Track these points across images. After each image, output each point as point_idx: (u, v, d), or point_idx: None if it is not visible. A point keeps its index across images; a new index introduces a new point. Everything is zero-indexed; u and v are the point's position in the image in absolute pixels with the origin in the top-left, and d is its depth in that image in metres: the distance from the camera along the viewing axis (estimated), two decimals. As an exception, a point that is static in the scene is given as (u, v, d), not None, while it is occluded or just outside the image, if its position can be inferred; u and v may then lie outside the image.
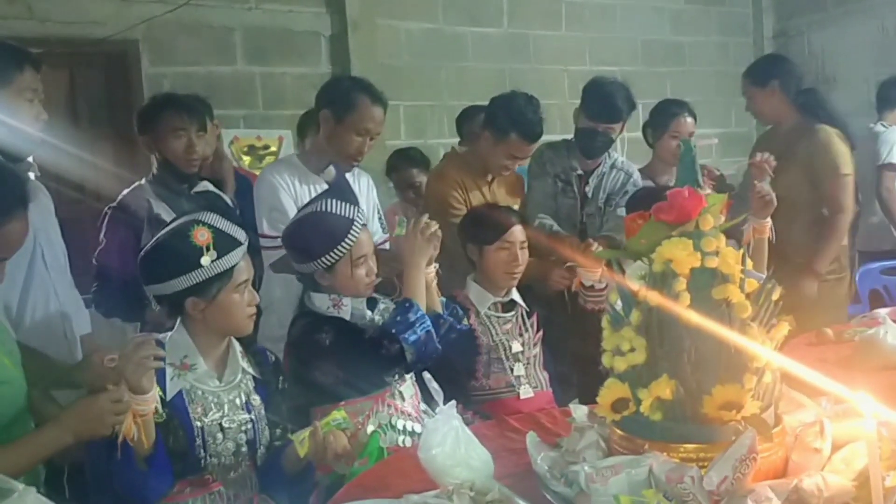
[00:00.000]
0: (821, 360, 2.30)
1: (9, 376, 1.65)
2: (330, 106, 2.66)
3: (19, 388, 1.67)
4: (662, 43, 5.95)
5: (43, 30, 3.65)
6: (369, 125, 2.65)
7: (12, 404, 1.64)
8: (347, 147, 2.66)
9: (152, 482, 1.70)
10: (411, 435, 2.15)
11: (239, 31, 4.23)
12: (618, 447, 1.48)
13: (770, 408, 1.46)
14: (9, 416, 1.63)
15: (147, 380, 1.65)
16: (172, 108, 2.72)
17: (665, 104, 3.59)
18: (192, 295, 1.82)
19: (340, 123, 2.64)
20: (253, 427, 1.89)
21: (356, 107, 2.62)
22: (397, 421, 2.17)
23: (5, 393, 1.62)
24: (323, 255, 2.15)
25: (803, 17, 6.27)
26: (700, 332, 1.41)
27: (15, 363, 1.69)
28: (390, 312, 2.25)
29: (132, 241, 2.53)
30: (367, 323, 2.22)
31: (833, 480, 1.31)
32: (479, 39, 5.09)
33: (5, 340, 1.72)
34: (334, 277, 2.19)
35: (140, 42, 3.94)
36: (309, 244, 2.18)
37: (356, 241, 2.17)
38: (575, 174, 3.27)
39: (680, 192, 1.46)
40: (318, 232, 2.17)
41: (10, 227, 1.57)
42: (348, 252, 2.16)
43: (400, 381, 2.22)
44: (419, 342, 2.13)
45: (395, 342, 2.10)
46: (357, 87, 2.68)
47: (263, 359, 2.03)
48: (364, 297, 2.26)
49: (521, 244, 2.70)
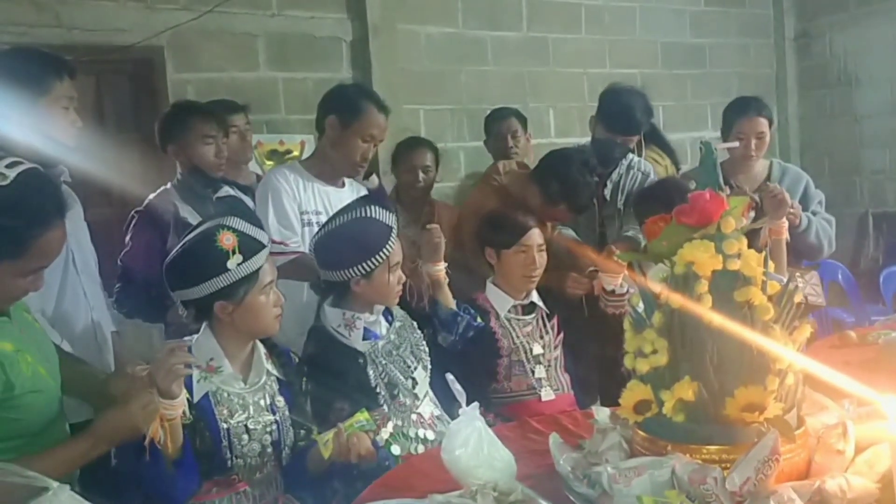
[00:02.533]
0: (844, 363, 2.29)
1: (43, 385, 1.67)
2: (336, 112, 2.68)
3: (53, 397, 1.69)
4: (682, 45, 5.92)
5: (70, 37, 3.70)
6: (374, 131, 2.68)
7: (45, 413, 1.66)
8: (352, 153, 2.68)
9: (180, 484, 1.73)
10: (423, 442, 2.16)
11: (262, 38, 4.27)
12: (640, 449, 1.49)
13: (793, 409, 1.46)
14: (40, 424, 1.65)
15: (177, 385, 1.68)
16: (200, 116, 2.77)
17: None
18: (220, 298, 1.85)
19: (346, 129, 2.66)
20: (277, 428, 1.92)
21: (362, 113, 2.65)
22: (409, 429, 2.18)
23: (38, 402, 1.64)
24: (364, 262, 2.16)
25: (825, 18, 6.22)
26: (722, 334, 1.42)
27: (50, 372, 1.71)
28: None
29: (157, 243, 2.58)
30: (377, 358, 2.21)
31: (856, 482, 1.31)
32: (498, 43, 5.10)
33: (43, 347, 1.74)
34: (371, 284, 2.19)
35: (165, 49, 3.98)
36: (351, 251, 2.18)
37: (394, 247, 2.20)
38: (593, 183, 3.26)
39: (701, 195, 1.47)
40: (362, 238, 2.18)
41: (50, 236, 1.59)
42: (387, 259, 2.18)
43: (414, 402, 2.23)
44: None
45: None
46: (362, 95, 2.72)
47: (287, 360, 2.06)
48: (392, 304, 2.28)
49: (538, 247, 2.70)
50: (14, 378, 1.58)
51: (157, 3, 3.96)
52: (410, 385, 2.23)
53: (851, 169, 6.14)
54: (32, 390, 1.62)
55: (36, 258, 1.59)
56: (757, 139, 3.22)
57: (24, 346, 1.65)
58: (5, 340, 1.61)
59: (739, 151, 3.23)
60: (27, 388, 1.61)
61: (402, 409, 2.18)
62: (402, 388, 2.20)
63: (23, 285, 1.61)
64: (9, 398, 1.57)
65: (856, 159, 6.13)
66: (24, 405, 1.60)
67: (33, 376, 1.64)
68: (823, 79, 6.30)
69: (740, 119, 3.24)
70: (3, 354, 1.58)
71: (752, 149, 3.21)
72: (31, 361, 1.65)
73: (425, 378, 2.29)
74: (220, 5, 3.98)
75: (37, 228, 1.56)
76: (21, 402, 1.60)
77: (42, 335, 1.78)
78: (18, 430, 1.59)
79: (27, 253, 1.56)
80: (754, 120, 3.23)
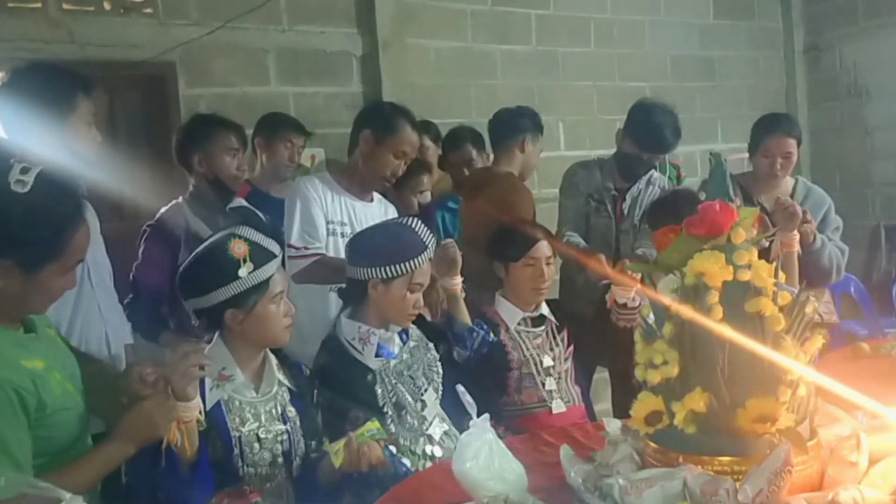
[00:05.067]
0: (857, 376, 2.27)
1: (71, 403, 1.67)
2: (371, 126, 2.74)
3: (80, 414, 1.70)
4: (692, 58, 5.92)
5: (83, 53, 3.74)
6: (407, 148, 2.74)
7: (73, 430, 1.67)
8: (383, 168, 2.74)
9: (196, 489, 1.73)
10: (431, 459, 2.15)
11: (272, 53, 4.30)
12: (652, 460, 1.48)
13: (805, 421, 1.45)
14: (69, 440, 1.65)
15: (192, 388, 1.69)
16: (224, 129, 2.80)
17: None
18: (230, 307, 1.86)
19: (380, 145, 2.72)
20: (289, 438, 1.92)
21: (396, 130, 2.71)
22: (417, 446, 2.18)
23: (67, 419, 1.65)
24: (390, 265, 2.17)
25: (834, 31, 6.22)
26: (733, 345, 1.41)
27: (76, 388, 1.72)
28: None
29: (167, 258, 2.60)
30: (387, 377, 2.21)
31: (870, 494, 1.30)
32: (507, 57, 5.12)
33: (68, 363, 1.75)
34: (387, 293, 2.20)
35: (177, 64, 4.02)
36: (378, 251, 2.21)
37: (421, 266, 2.21)
38: (609, 194, 3.26)
39: (711, 206, 1.47)
40: (394, 243, 2.21)
41: (81, 231, 1.62)
42: (411, 273, 2.19)
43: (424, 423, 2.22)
44: None
45: None
46: (398, 112, 2.78)
47: (299, 372, 2.06)
48: (403, 325, 2.28)
49: (546, 260, 2.70)
50: (46, 397, 1.58)
51: (169, 19, 4.00)
52: (419, 407, 2.22)
53: (863, 181, 6.11)
54: (63, 408, 1.63)
55: (73, 255, 1.61)
56: (783, 158, 3.16)
57: (52, 364, 1.66)
58: (37, 358, 1.61)
59: (764, 170, 3.19)
60: (58, 406, 1.61)
61: (411, 431, 2.18)
62: (411, 410, 2.20)
63: (62, 284, 1.64)
64: (41, 417, 1.58)
65: (867, 172, 6.10)
66: (54, 423, 1.61)
67: (63, 394, 1.64)
68: (833, 91, 6.28)
69: (768, 137, 3.18)
70: (36, 374, 1.58)
71: (778, 168, 3.17)
72: (60, 379, 1.65)
73: (435, 400, 2.28)
74: (232, 21, 4.03)
75: (69, 227, 1.59)
76: (52, 421, 1.60)
77: (66, 351, 1.79)
78: (48, 448, 1.59)
79: (66, 252, 1.59)
80: (783, 140, 3.16)
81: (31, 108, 2.08)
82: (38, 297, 1.62)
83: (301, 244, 2.65)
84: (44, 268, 1.56)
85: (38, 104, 2.09)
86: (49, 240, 1.55)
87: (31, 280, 1.56)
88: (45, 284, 1.59)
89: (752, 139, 3.28)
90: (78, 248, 1.62)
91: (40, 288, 1.59)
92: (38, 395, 1.57)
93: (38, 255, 1.55)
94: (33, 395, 1.55)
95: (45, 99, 2.11)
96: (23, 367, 1.56)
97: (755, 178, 3.26)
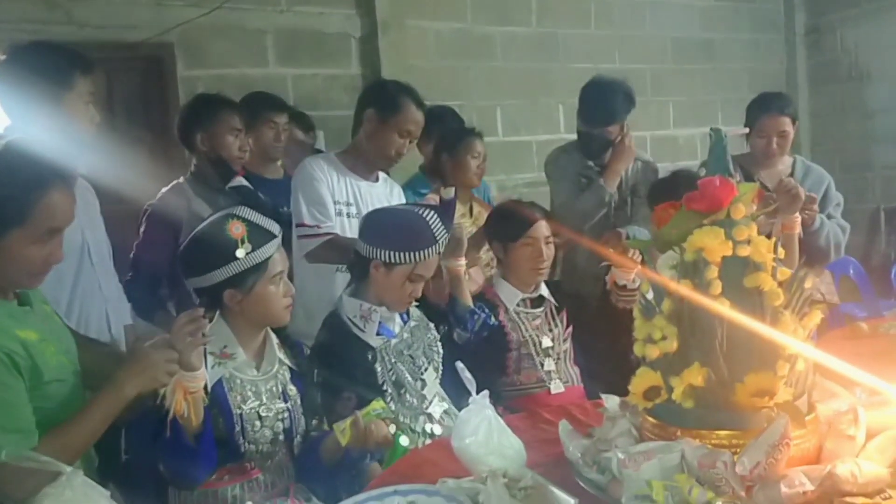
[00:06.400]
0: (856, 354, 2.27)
1: (66, 375, 1.68)
2: (375, 106, 2.73)
3: (75, 388, 1.71)
4: (692, 40, 5.91)
5: (81, 34, 3.73)
6: (411, 127, 2.72)
7: (69, 402, 1.67)
8: (388, 147, 2.72)
9: (201, 460, 1.75)
10: (431, 437, 2.16)
11: (271, 34, 4.29)
12: (650, 435, 1.48)
13: (803, 396, 1.46)
14: (64, 414, 1.65)
15: (196, 356, 1.70)
16: (228, 109, 2.79)
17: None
18: (229, 287, 1.87)
19: (384, 124, 2.70)
20: (289, 416, 1.93)
21: (401, 109, 2.69)
22: (417, 424, 2.18)
23: (62, 391, 1.66)
24: (394, 251, 2.15)
25: (836, 13, 6.19)
26: (732, 321, 1.42)
27: (72, 362, 1.73)
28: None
29: (168, 238, 2.60)
30: (387, 356, 2.21)
31: (868, 467, 1.31)
32: (507, 39, 5.10)
33: (63, 339, 1.75)
34: (386, 277, 2.19)
35: (175, 45, 4.01)
36: (393, 232, 2.20)
37: (426, 259, 2.19)
38: (594, 171, 3.28)
39: (711, 181, 1.47)
40: (403, 231, 2.19)
41: (52, 198, 1.58)
42: (414, 264, 2.18)
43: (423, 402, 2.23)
44: None
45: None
46: (402, 90, 2.76)
47: (299, 351, 2.08)
48: (398, 310, 2.27)
49: (545, 239, 2.69)
50: (42, 366, 1.59)
51: (166, 0, 3.98)
52: (419, 386, 2.23)
53: (863, 164, 6.10)
54: (58, 379, 1.64)
55: (42, 221, 1.58)
56: (779, 137, 3.19)
57: (47, 337, 1.66)
58: (30, 329, 1.62)
59: (761, 149, 3.21)
60: (53, 376, 1.62)
61: (410, 409, 2.19)
62: (410, 389, 2.21)
63: (41, 255, 1.60)
64: (37, 385, 1.59)
65: (867, 155, 6.10)
66: (50, 394, 1.61)
67: (58, 366, 1.65)
68: (834, 74, 6.27)
69: (762, 117, 3.20)
70: (30, 343, 1.59)
71: (774, 146, 3.19)
72: (55, 351, 1.66)
73: (435, 379, 2.29)
74: (230, 2, 4.01)
75: (34, 191, 1.56)
76: (48, 391, 1.61)
77: (62, 327, 1.79)
78: (44, 419, 1.59)
79: (31, 217, 1.56)
80: (777, 118, 3.19)
81: (29, 87, 2.08)
82: (12, 267, 1.59)
83: (313, 223, 2.64)
84: (8, 232, 1.55)
85: (35, 82, 2.08)
86: (9, 202, 1.54)
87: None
88: (14, 252, 1.57)
89: (747, 119, 3.29)
90: (48, 214, 1.58)
91: (11, 256, 1.57)
92: (31, 361, 1.58)
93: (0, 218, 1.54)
94: (26, 361, 1.57)
95: (42, 77, 2.10)
96: (15, 335, 1.57)
97: (753, 158, 3.27)
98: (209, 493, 1.85)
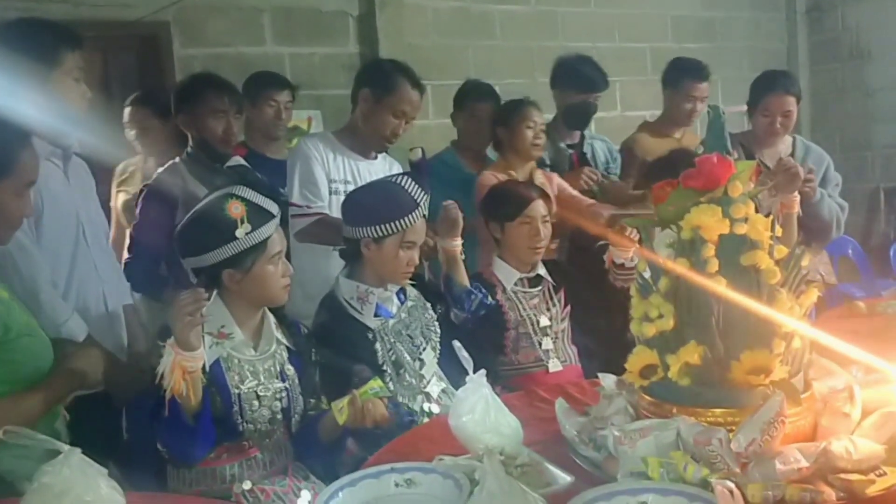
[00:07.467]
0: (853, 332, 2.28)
1: (36, 332, 1.77)
2: (370, 85, 2.71)
3: (46, 344, 1.78)
4: (693, 19, 5.87)
5: (77, 13, 3.70)
6: (406, 108, 2.70)
7: (40, 358, 1.75)
8: (383, 128, 2.71)
9: (199, 439, 1.75)
10: (429, 416, 2.17)
11: (268, 12, 4.26)
12: (646, 413, 1.49)
13: (799, 373, 1.46)
14: (36, 369, 1.73)
15: (195, 336, 1.70)
16: (213, 90, 2.76)
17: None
18: (228, 267, 1.86)
19: (379, 104, 2.69)
20: (287, 395, 1.93)
21: (395, 88, 2.68)
22: (415, 403, 2.19)
23: (33, 345, 1.73)
24: (379, 223, 2.16)
25: (837, -9, 6.16)
26: (728, 299, 1.42)
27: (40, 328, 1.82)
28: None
29: (165, 218, 2.59)
30: (386, 336, 2.22)
31: (863, 444, 1.31)
32: (506, 17, 5.06)
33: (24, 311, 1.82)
34: (379, 251, 2.20)
35: (171, 24, 3.98)
36: (369, 210, 2.20)
37: (413, 224, 2.19)
38: (566, 154, 3.31)
39: (709, 159, 1.46)
40: (384, 202, 2.20)
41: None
42: (402, 231, 2.18)
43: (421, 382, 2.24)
44: None
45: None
46: (398, 70, 2.74)
47: (297, 331, 2.07)
48: (398, 282, 2.28)
49: (542, 219, 2.69)
50: (10, 321, 1.66)
51: (163, -22, 3.95)
52: (418, 366, 2.24)
53: (863, 144, 6.09)
54: (28, 334, 1.71)
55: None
56: (783, 117, 3.18)
57: (14, 297, 1.75)
58: (1, 288, 1.71)
59: (764, 128, 3.20)
60: (23, 331, 1.70)
61: (409, 388, 2.20)
62: (409, 368, 2.22)
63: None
64: (6, 340, 1.65)
65: (867, 134, 6.08)
66: (20, 348, 1.68)
67: (28, 324, 1.72)
68: (835, 53, 6.24)
69: (767, 95, 3.19)
70: (1, 300, 1.66)
71: (778, 126, 3.18)
72: (23, 311, 1.74)
73: (433, 359, 2.29)
74: (226, -21, 3.98)
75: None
76: (17, 345, 1.68)
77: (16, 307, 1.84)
78: (15, 374, 1.66)
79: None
80: (782, 98, 3.18)
81: (14, 64, 2.06)
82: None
83: (303, 202, 2.65)
84: None
85: (21, 59, 2.06)
86: None
87: None
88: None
89: (750, 98, 3.28)
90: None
91: None
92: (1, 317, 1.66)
93: None
94: None
95: (27, 55, 2.08)
96: None
97: (755, 137, 3.25)
98: (207, 472, 1.86)
